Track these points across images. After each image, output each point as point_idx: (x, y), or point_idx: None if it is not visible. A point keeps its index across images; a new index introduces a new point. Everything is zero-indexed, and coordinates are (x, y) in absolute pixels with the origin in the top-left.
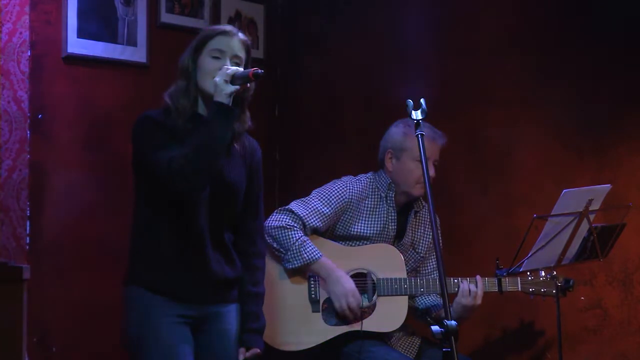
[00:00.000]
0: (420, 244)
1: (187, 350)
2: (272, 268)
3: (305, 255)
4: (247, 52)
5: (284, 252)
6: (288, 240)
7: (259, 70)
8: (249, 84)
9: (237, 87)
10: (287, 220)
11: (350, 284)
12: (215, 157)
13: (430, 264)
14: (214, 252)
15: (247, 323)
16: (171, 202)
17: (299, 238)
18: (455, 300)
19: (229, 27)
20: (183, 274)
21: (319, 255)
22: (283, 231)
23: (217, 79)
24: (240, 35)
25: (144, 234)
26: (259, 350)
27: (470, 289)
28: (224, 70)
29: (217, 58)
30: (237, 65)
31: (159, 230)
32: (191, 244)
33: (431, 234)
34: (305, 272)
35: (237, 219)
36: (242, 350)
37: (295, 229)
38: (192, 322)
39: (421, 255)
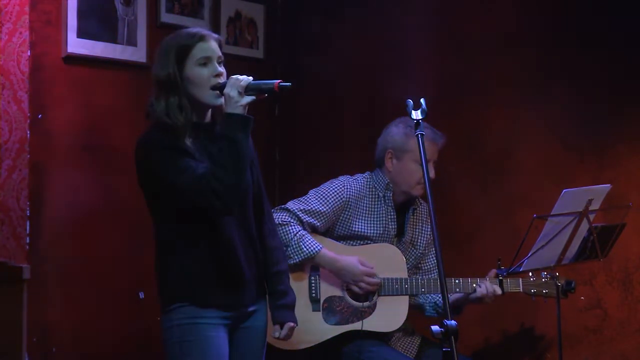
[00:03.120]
0: (419, 240)
1: (225, 352)
2: None
3: (305, 249)
4: (221, 48)
5: (284, 248)
6: (286, 236)
7: (286, 83)
8: (266, 95)
9: (254, 97)
10: (284, 217)
11: (356, 266)
12: (244, 172)
13: (430, 260)
14: (245, 255)
15: (277, 301)
16: (198, 217)
17: (297, 232)
18: (476, 296)
19: (203, 31)
20: (219, 283)
21: (319, 247)
22: (280, 227)
23: (229, 90)
24: (214, 34)
25: (173, 252)
26: (293, 324)
27: (495, 290)
28: (234, 80)
29: (204, 65)
30: (220, 63)
31: (189, 245)
32: (223, 254)
33: (429, 229)
34: (306, 268)
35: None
36: (276, 327)
37: (292, 224)
38: (231, 323)
39: (420, 251)
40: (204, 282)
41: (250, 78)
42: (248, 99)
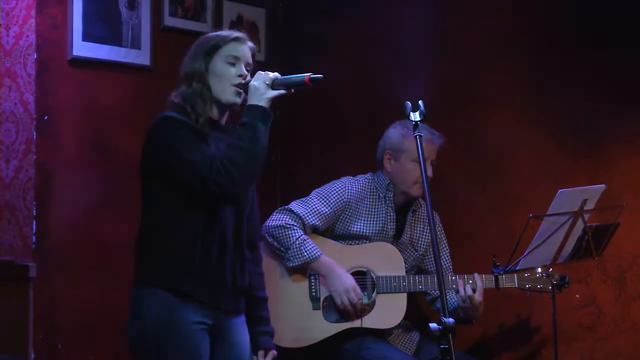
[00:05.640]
0: (420, 242)
1: (207, 354)
2: (273, 266)
3: (305, 253)
4: (253, 59)
5: (284, 250)
6: (288, 239)
7: (317, 75)
8: (293, 90)
9: (282, 91)
10: (287, 219)
11: (350, 280)
12: (260, 161)
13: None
14: (233, 260)
15: (260, 327)
16: (199, 205)
17: (299, 237)
18: (458, 305)
19: (239, 34)
20: (202, 278)
21: (318, 253)
22: (283, 230)
23: (255, 82)
24: (250, 42)
25: (162, 235)
26: (275, 352)
27: (467, 293)
28: (262, 75)
29: (232, 64)
30: (248, 71)
31: (181, 232)
32: (214, 249)
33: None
34: (306, 270)
35: None
36: (261, 353)
37: (295, 227)
38: (210, 331)
39: (420, 253)
40: (183, 268)
41: (278, 74)
42: (274, 92)
